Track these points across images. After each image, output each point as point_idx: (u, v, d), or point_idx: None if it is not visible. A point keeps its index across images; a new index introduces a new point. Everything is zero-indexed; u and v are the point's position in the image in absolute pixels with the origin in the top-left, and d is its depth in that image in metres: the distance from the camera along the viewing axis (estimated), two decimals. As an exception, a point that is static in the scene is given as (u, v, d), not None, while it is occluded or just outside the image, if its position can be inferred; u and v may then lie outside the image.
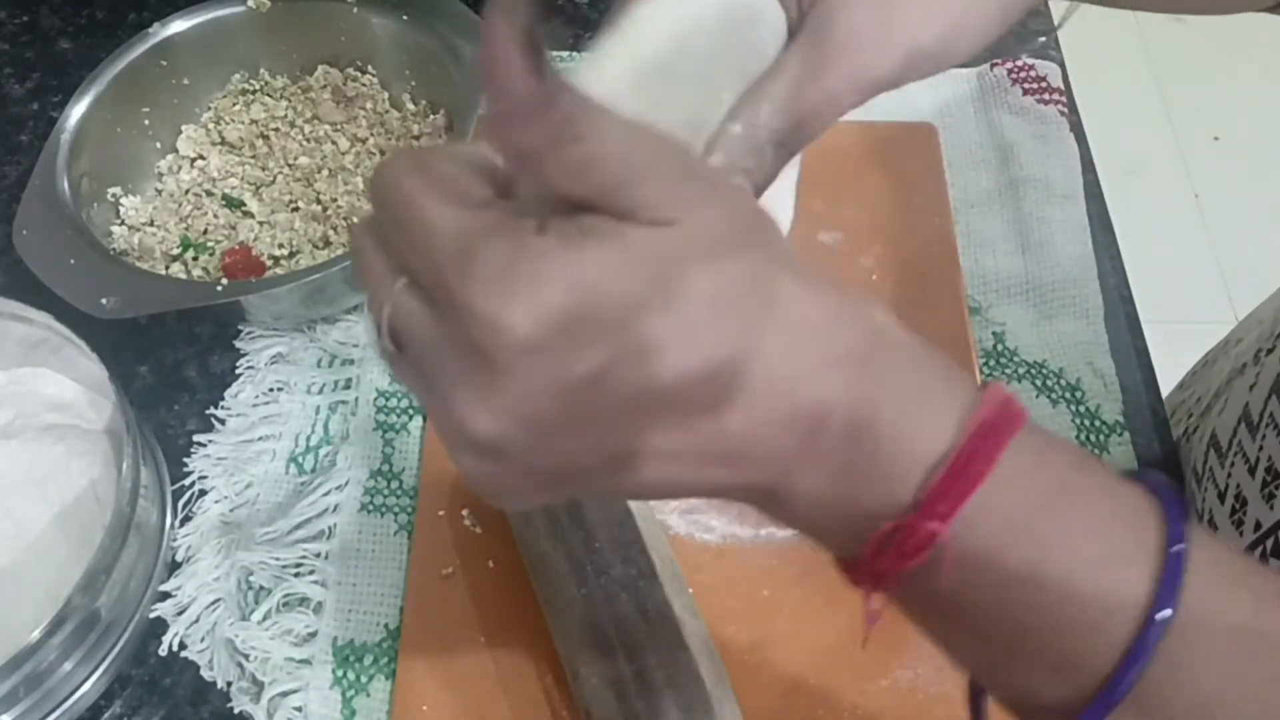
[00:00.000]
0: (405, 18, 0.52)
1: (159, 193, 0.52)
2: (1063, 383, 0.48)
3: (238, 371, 0.48)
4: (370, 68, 0.55)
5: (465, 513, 0.44)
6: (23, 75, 0.59)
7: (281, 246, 0.50)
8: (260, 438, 0.46)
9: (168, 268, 0.49)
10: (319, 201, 0.51)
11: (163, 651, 0.41)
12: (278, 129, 0.54)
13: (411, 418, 0.47)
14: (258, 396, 0.47)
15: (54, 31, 0.61)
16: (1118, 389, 0.48)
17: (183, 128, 0.53)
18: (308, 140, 0.53)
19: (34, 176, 0.47)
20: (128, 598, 0.41)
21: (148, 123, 0.52)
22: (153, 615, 0.42)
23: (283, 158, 0.53)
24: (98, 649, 0.40)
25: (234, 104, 0.54)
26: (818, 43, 0.28)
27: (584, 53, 0.60)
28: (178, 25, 0.52)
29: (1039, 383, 0.48)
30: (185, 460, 0.46)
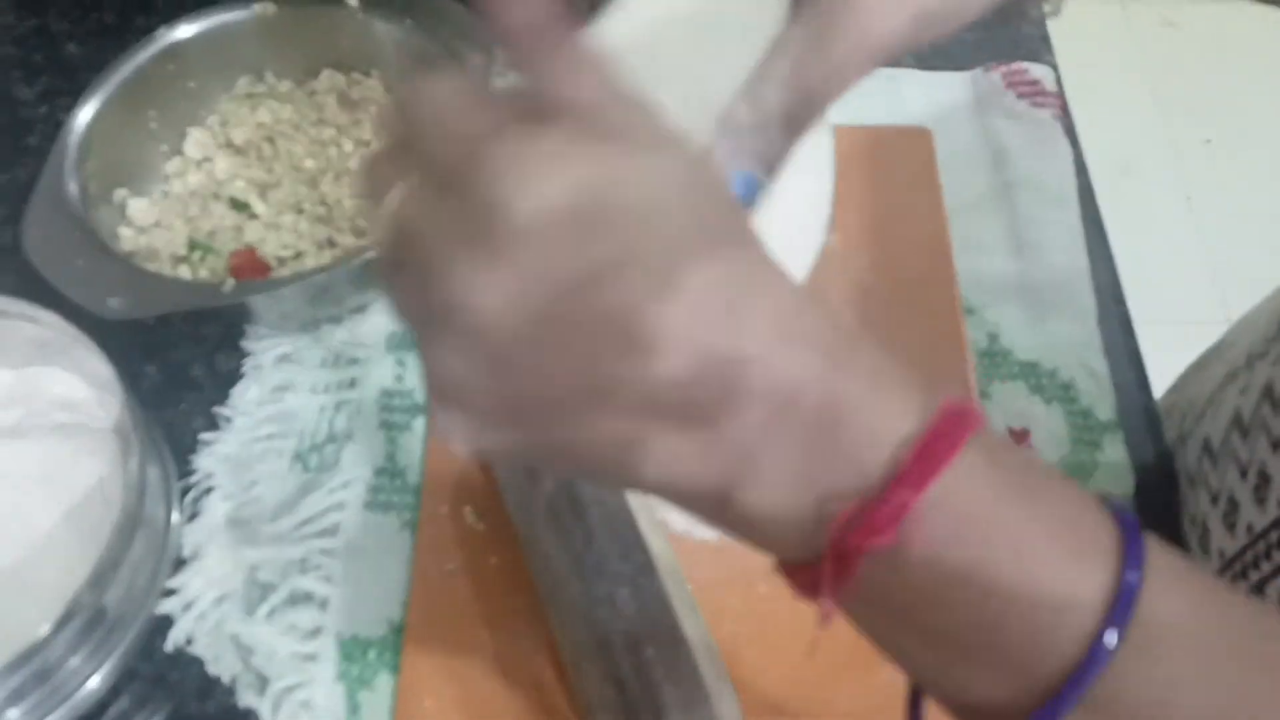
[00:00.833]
0: (409, 22, 0.52)
1: (166, 195, 0.53)
2: (1056, 383, 0.49)
3: (244, 371, 0.49)
4: (374, 72, 0.55)
5: (468, 510, 0.45)
6: (31, 78, 0.60)
7: (287, 248, 0.50)
8: (266, 436, 0.47)
9: (174, 269, 0.50)
10: (324, 204, 0.52)
11: (169, 647, 0.42)
12: (283, 132, 0.54)
13: (415, 416, 0.48)
14: (264, 395, 0.48)
15: (62, 35, 0.62)
16: (1111, 389, 0.49)
17: (189, 130, 0.54)
18: (313, 143, 0.54)
19: (42, 179, 0.47)
20: (135, 594, 0.41)
21: (155, 126, 0.53)
22: (159, 611, 0.42)
23: (288, 160, 0.53)
24: (105, 645, 0.40)
25: (240, 107, 0.54)
26: (821, 12, 0.28)
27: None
28: (185, 30, 0.52)
29: (1033, 383, 0.49)
30: (192, 458, 0.46)
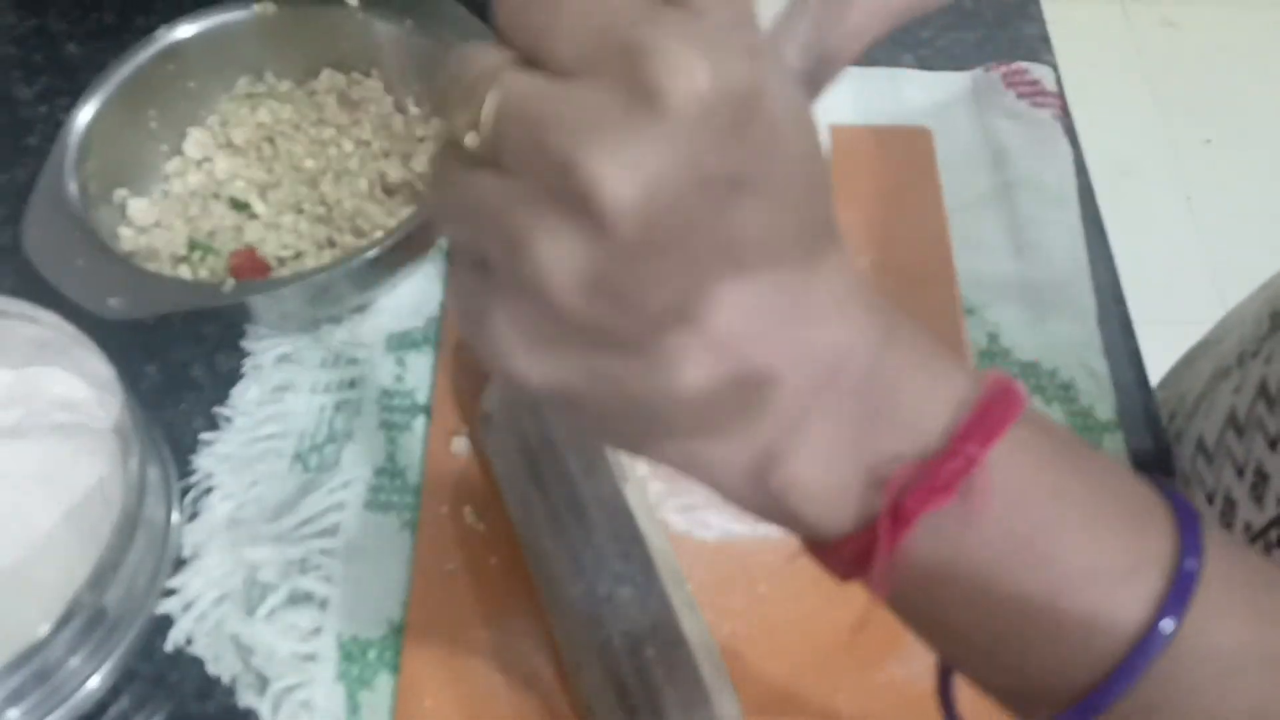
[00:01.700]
0: (409, 22, 0.52)
1: (166, 195, 0.53)
2: (1056, 382, 0.49)
3: (244, 371, 0.49)
4: (374, 71, 0.55)
5: (468, 510, 0.45)
6: (31, 78, 0.60)
7: (287, 248, 0.50)
8: (266, 436, 0.47)
9: (174, 269, 0.50)
10: (324, 204, 0.52)
11: (169, 647, 0.42)
12: (283, 132, 0.54)
13: (415, 416, 0.48)
14: (264, 395, 0.48)
15: (62, 35, 0.61)
16: (1111, 389, 0.49)
17: (189, 130, 0.54)
18: (313, 143, 0.54)
19: (42, 179, 0.47)
20: (135, 594, 0.41)
21: (155, 125, 0.53)
22: (159, 611, 0.42)
23: (288, 160, 0.53)
24: (105, 645, 0.40)
25: (240, 107, 0.54)
26: None
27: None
28: (185, 30, 0.52)
29: (1033, 382, 0.49)
30: (192, 458, 0.46)
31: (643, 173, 0.18)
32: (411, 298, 0.51)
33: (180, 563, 0.44)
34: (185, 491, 0.45)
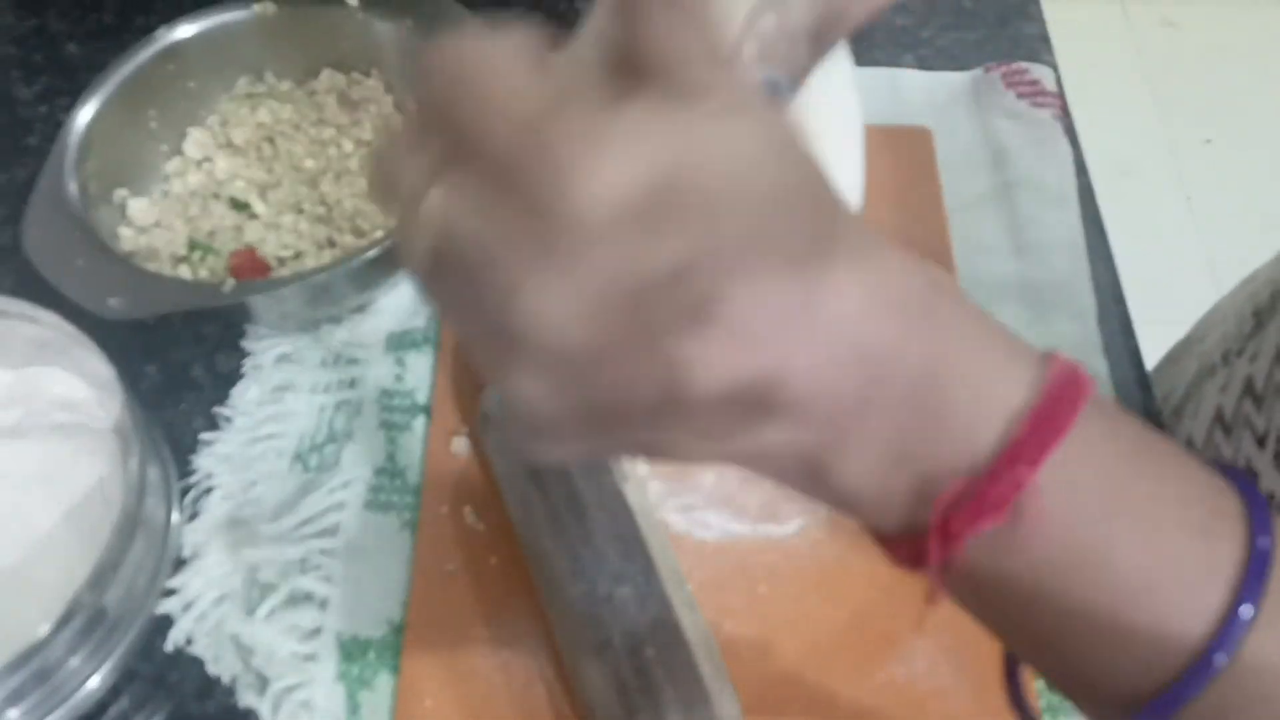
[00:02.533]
0: (409, 22, 0.53)
1: (166, 195, 0.53)
2: (1056, 382, 0.49)
3: (244, 371, 0.49)
4: (374, 71, 0.55)
5: (468, 510, 0.45)
6: (31, 78, 0.60)
7: (287, 248, 0.50)
8: (266, 436, 0.47)
9: (174, 269, 0.50)
10: (324, 204, 0.52)
11: (169, 647, 0.42)
12: (283, 132, 0.54)
13: (415, 416, 0.48)
14: (264, 395, 0.48)
15: (62, 35, 0.62)
16: (1111, 389, 0.49)
17: (189, 130, 0.54)
18: (313, 143, 0.54)
19: (42, 179, 0.47)
20: (135, 594, 0.41)
21: (155, 125, 0.53)
22: (159, 611, 0.42)
23: (288, 160, 0.53)
24: (105, 645, 0.40)
25: (240, 107, 0.54)
26: None
27: None
28: (184, 30, 0.52)
29: (1033, 382, 0.49)
30: (192, 458, 0.46)
31: (573, 302, 0.18)
32: (411, 298, 0.51)
33: (180, 563, 0.44)
34: (185, 491, 0.45)
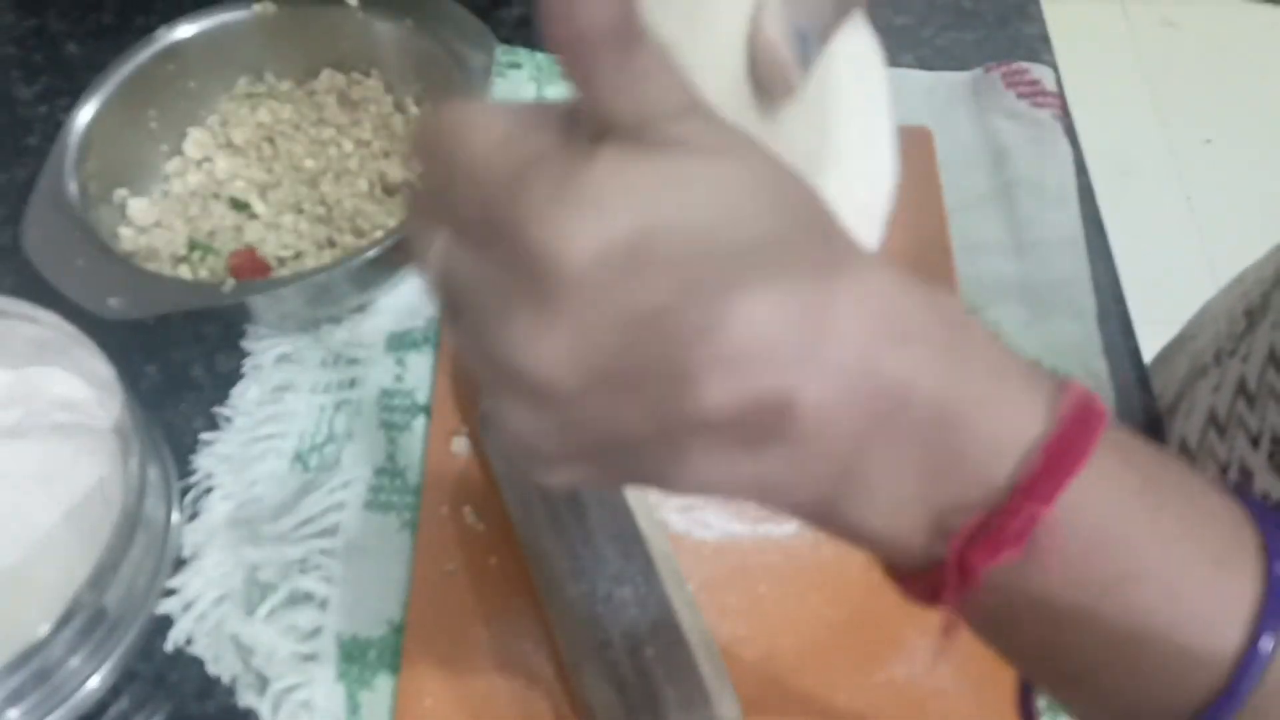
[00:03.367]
0: (409, 22, 0.53)
1: (166, 195, 0.53)
2: (1056, 382, 0.49)
3: (243, 371, 0.49)
4: (374, 71, 0.55)
5: (468, 510, 0.45)
6: (31, 78, 0.60)
7: (287, 248, 0.50)
8: (266, 436, 0.47)
9: (174, 269, 0.50)
10: (324, 204, 0.52)
11: (169, 647, 0.42)
12: (283, 132, 0.54)
13: (415, 416, 0.48)
14: (263, 395, 0.48)
15: (62, 35, 0.61)
16: (1111, 389, 0.49)
17: (189, 130, 0.54)
18: (313, 143, 0.54)
19: (42, 179, 0.47)
20: (134, 594, 0.41)
21: (155, 125, 0.53)
22: (159, 611, 0.42)
23: (288, 160, 0.53)
24: (104, 645, 0.40)
25: (240, 107, 0.54)
26: None
27: None
28: (184, 30, 0.52)
29: (1033, 382, 0.49)
30: (192, 458, 0.46)
31: (557, 347, 0.19)
32: (411, 298, 0.51)
33: (180, 563, 0.44)
34: (185, 491, 0.45)
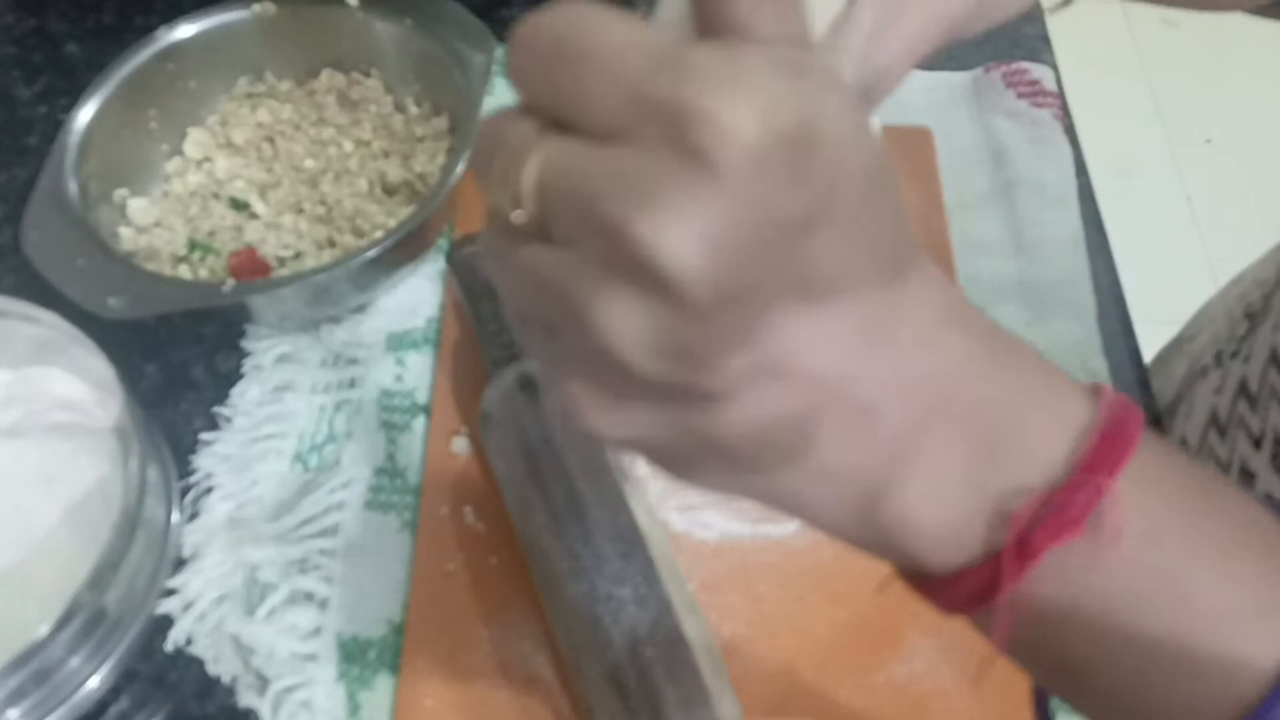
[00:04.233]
0: (409, 22, 0.52)
1: (166, 195, 0.53)
2: (1056, 382, 0.49)
3: (243, 371, 0.49)
4: (374, 71, 0.55)
5: (468, 510, 0.45)
6: (30, 78, 0.60)
7: (287, 248, 0.50)
8: (266, 436, 0.47)
9: (174, 269, 0.50)
10: (324, 204, 0.52)
11: (169, 647, 0.42)
12: (283, 132, 0.54)
13: (415, 416, 0.48)
14: (263, 395, 0.48)
15: (61, 35, 0.61)
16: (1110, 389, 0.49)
17: (189, 130, 0.54)
18: (313, 143, 0.54)
19: (42, 179, 0.47)
20: (134, 594, 0.41)
21: (155, 125, 0.53)
22: (159, 612, 0.42)
23: (288, 160, 0.53)
24: (104, 645, 0.40)
25: (240, 107, 0.54)
26: None
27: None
28: (184, 30, 0.52)
29: (1033, 382, 0.49)
30: (192, 458, 0.46)
31: (703, 234, 0.17)
32: (411, 298, 0.51)
33: (180, 563, 0.44)
34: (185, 491, 0.45)
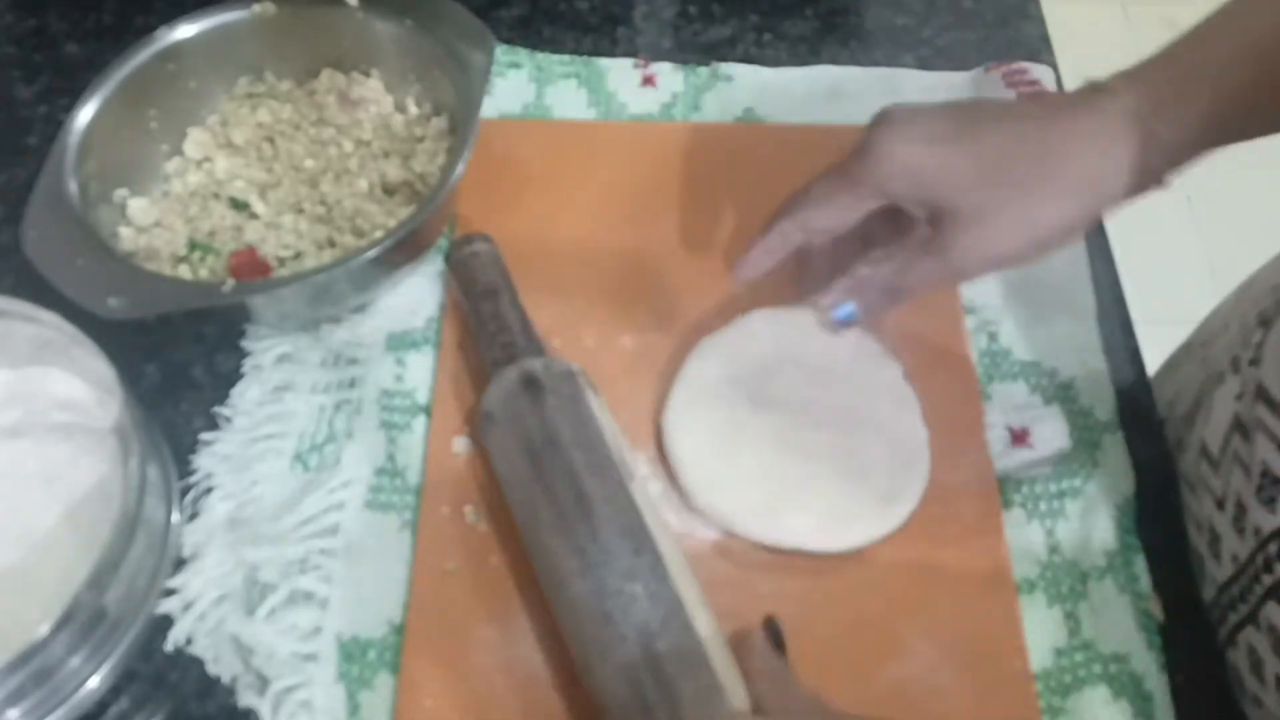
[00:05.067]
0: (409, 22, 0.52)
1: (166, 195, 0.53)
2: (1056, 382, 0.49)
3: (243, 371, 0.49)
4: (374, 71, 0.55)
5: (468, 509, 0.45)
6: (30, 78, 0.60)
7: (287, 248, 0.50)
8: (266, 436, 0.47)
9: (174, 269, 0.50)
10: (324, 204, 0.52)
11: (169, 647, 0.42)
12: (283, 132, 0.54)
13: (415, 416, 0.48)
14: (263, 395, 0.48)
15: (61, 35, 0.62)
16: (1111, 389, 0.49)
17: (189, 130, 0.54)
18: (313, 143, 0.54)
19: (42, 179, 0.47)
20: (134, 594, 0.41)
21: (155, 125, 0.53)
22: (159, 612, 0.42)
23: (288, 160, 0.53)
24: (105, 645, 0.40)
25: (240, 107, 0.54)
26: (945, 223, 0.39)
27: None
28: (184, 30, 0.52)
29: (1033, 381, 0.49)
30: (192, 458, 0.46)
31: None
32: (411, 298, 0.51)
33: (180, 563, 0.44)
34: (185, 491, 0.45)
